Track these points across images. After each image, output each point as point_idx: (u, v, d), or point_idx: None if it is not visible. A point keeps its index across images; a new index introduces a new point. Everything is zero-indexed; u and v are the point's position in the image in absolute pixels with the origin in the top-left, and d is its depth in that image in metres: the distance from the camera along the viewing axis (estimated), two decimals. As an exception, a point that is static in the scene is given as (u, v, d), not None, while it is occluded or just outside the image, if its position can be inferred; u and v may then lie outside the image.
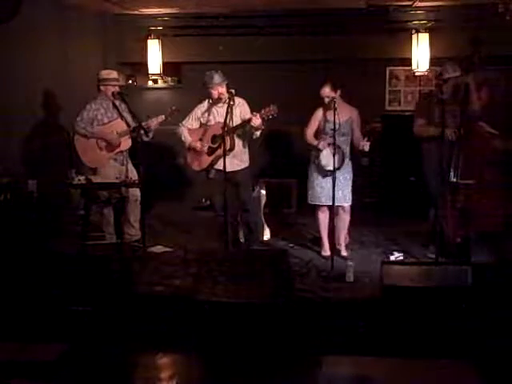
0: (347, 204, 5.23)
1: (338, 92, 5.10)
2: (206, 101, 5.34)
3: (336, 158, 4.93)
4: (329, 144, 5.00)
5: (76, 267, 4.33)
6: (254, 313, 3.74)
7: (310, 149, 5.29)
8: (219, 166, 5.12)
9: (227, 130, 4.97)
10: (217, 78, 5.15)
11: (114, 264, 4.49)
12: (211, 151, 5.24)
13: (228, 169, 4.85)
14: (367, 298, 4.25)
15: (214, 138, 5.22)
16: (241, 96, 5.26)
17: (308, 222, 6.19)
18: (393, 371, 3.35)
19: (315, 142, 5.17)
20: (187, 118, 5.39)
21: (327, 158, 5.01)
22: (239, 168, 5.26)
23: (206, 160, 5.27)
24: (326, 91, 5.08)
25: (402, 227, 6.18)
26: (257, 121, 4.95)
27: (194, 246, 5.53)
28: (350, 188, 5.20)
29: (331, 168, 4.94)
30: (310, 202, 5.31)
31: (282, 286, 3.87)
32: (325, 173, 5.10)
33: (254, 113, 5.00)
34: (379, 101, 7.52)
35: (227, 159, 4.86)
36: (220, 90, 5.18)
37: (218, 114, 5.24)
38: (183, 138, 5.38)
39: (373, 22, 6.97)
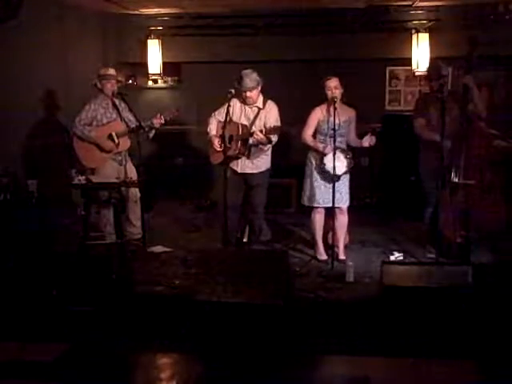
0: (345, 205, 5.18)
1: (342, 90, 5.02)
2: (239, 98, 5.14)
3: (345, 162, 4.96)
4: (335, 149, 4.89)
5: (76, 267, 4.34)
6: (254, 313, 3.74)
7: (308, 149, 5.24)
8: (233, 165, 5.19)
9: (240, 135, 4.98)
10: (248, 82, 4.96)
11: (114, 264, 4.49)
12: (226, 150, 5.03)
13: (240, 171, 5.10)
14: (367, 298, 4.26)
15: (230, 138, 5.08)
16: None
17: (308, 222, 6.17)
18: (393, 371, 3.35)
19: (320, 147, 5.06)
20: (220, 110, 5.16)
21: (333, 162, 4.90)
22: (252, 172, 5.21)
23: (221, 157, 5.09)
24: (334, 83, 4.98)
25: (402, 227, 6.18)
26: (257, 136, 4.90)
27: (194, 246, 5.52)
28: (348, 189, 5.16)
29: (337, 172, 4.92)
30: (306, 204, 5.24)
31: (282, 286, 3.86)
32: (327, 176, 5.04)
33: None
34: (379, 101, 7.52)
35: (241, 161, 5.02)
36: (249, 94, 5.01)
37: (245, 114, 5.13)
38: (209, 129, 5.22)
39: (373, 22, 6.98)
